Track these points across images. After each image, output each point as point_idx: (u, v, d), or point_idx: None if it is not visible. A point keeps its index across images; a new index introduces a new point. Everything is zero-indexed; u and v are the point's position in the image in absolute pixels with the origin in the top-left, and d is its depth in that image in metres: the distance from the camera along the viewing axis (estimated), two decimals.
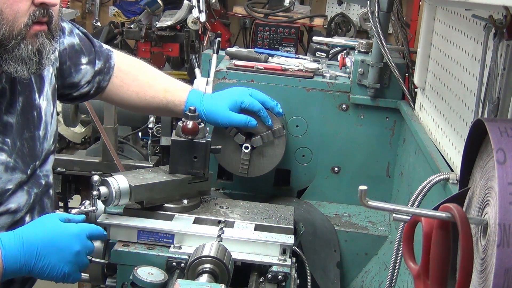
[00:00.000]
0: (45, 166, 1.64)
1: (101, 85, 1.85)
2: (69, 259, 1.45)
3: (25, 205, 1.55)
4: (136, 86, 1.90)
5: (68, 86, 1.78)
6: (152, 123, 3.37)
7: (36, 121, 1.58)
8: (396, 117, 2.22)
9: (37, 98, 1.58)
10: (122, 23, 5.03)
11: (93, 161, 3.12)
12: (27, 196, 1.55)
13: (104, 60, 1.84)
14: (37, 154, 1.59)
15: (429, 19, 2.06)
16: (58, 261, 1.43)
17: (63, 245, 1.45)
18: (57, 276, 1.44)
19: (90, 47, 1.81)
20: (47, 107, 1.62)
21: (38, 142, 1.59)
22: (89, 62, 1.80)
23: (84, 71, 1.78)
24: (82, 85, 1.80)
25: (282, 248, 1.62)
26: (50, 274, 1.43)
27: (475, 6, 1.40)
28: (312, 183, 2.30)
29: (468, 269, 0.97)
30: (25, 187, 1.55)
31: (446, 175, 1.58)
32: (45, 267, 1.42)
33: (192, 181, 1.77)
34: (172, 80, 1.97)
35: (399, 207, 1.08)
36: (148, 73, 1.96)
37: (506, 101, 1.30)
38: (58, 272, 1.44)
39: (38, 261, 1.41)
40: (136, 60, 1.99)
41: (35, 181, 1.59)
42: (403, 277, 1.85)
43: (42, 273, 1.43)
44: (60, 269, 1.44)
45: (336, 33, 5.05)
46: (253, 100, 1.93)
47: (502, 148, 0.96)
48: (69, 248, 1.45)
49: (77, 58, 1.77)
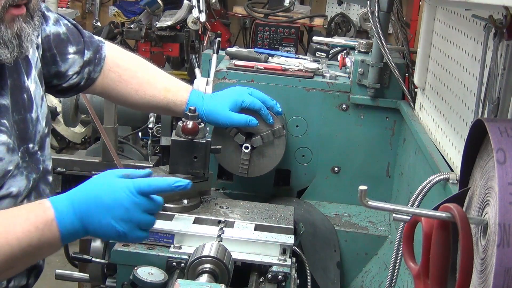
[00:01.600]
0: (44, 151, 1.62)
1: (92, 76, 1.82)
2: (120, 216, 1.35)
3: (25, 189, 1.54)
4: (136, 83, 1.89)
5: (54, 75, 1.75)
6: (152, 123, 3.38)
7: (27, 103, 1.56)
8: (396, 117, 2.22)
9: (26, 81, 1.57)
10: (122, 23, 5.04)
11: (93, 161, 3.12)
12: (26, 181, 1.54)
13: (94, 51, 1.82)
14: (30, 136, 1.56)
15: (429, 19, 2.06)
16: (109, 219, 1.34)
17: (110, 201, 1.35)
18: (113, 235, 1.36)
19: (79, 37, 1.79)
20: (36, 89, 1.60)
21: (30, 125, 1.56)
22: (77, 52, 1.77)
23: (71, 60, 1.76)
24: (70, 75, 1.78)
25: (282, 248, 1.62)
26: (106, 234, 1.36)
27: (475, 6, 1.40)
28: (312, 183, 2.30)
29: (468, 269, 0.97)
30: (24, 171, 1.54)
31: (446, 175, 1.58)
32: (98, 227, 1.35)
33: (192, 181, 1.77)
34: (173, 79, 1.97)
35: (399, 207, 1.08)
36: (148, 71, 1.95)
37: (506, 101, 1.30)
38: (112, 231, 1.35)
39: (90, 221, 1.34)
40: (136, 57, 1.98)
41: (34, 166, 1.58)
42: (403, 277, 1.85)
43: (97, 234, 1.37)
44: (113, 227, 1.35)
45: (336, 33, 5.06)
46: (253, 99, 1.93)
47: (502, 148, 0.96)
48: (117, 205, 1.35)
49: (63, 47, 1.74)
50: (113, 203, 1.35)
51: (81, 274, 1.81)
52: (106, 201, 1.35)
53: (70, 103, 3.46)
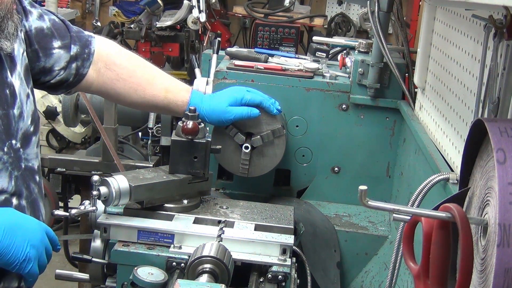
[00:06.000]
0: (26, 149, 1.61)
1: (80, 72, 1.80)
2: (33, 242, 1.44)
3: (8, 186, 1.54)
4: (135, 82, 1.88)
5: (40, 71, 1.74)
6: (152, 123, 3.37)
7: (10, 99, 1.55)
8: (396, 117, 2.22)
9: (9, 76, 1.56)
10: (122, 23, 5.04)
11: (93, 161, 3.12)
12: (8, 178, 1.54)
13: (82, 45, 1.80)
14: (12, 132, 1.56)
15: (429, 19, 2.06)
16: (23, 241, 1.42)
17: (29, 226, 1.45)
18: (20, 257, 1.42)
19: (65, 32, 1.77)
20: (21, 86, 1.59)
21: (13, 121, 1.56)
22: (63, 47, 1.75)
23: (56, 55, 1.74)
24: (57, 71, 1.76)
25: (282, 248, 1.62)
26: (14, 255, 1.41)
27: (475, 6, 1.40)
28: (312, 183, 2.30)
29: (468, 269, 0.97)
30: (9, 167, 1.54)
31: (446, 175, 1.58)
32: (11, 245, 1.40)
33: (192, 181, 1.77)
34: (172, 79, 1.96)
35: (399, 207, 1.08)
36: (148, 69, 1.94)
37: (506, 101, 1.30)
38: (22, 253, 1.42)
39: (3, 238, 1.39)
40: (135, 56, 1.96)
41: (16, 163, 1.57)
42: (403, 277, 1.85)
43: (6, 253, 1.40)
44: (24, 250, 1.42)
45: (336, 33, 5.06)
46: (252, 94, 1.94)
47: (502, 148, 0.96)
48: (34, 231, 1.46)
49: (47, 42, 1.72)
50: (30, 228, 1.47)
51: (81, 274, 1.81)
52: (23, 226, 1.46)
53: (70, 103, 3.46)
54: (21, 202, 1.58)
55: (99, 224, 1.65)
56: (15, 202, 1.56)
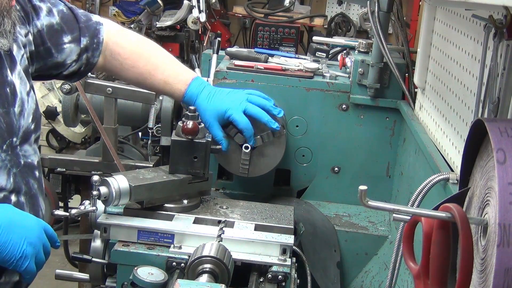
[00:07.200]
0: (24, 146, 1.61)
1: (91, 61, 1.83)
2: (30, 240, 1.44)
3: (6, 184, 1.54)
4: (137, 73, 1.91)
5: (53, 66, 1.76)
6: (152, 123, 3.36)
7: (10, 97, 1.56)
8: (396, 117, 2.22)
9: (9, 75, 1.56)
10: (122, 23, 5.03)
11: (93, 161, 3.12)
12: (6, 176, 1.54)
13: (91, 36, 1.81)
14: (14, 130, 1.57)
15: (429, 19, 2.06)
16: (20, 238, 1.42)
17: (26, 223, 1.45)
18: (16, 255, 1.42)
19: (74, 23, 1.78)
20: (21, 85, 1.60)
21: (14, 119, 1.56)
22: (73, 40, 1.77)
23: (68, 50, 1.76)
24: (69, 64, 1.78)
25: (282, 248, 1.62)
26: (10, 252, 1.41)
27: (475, 6, 1.40)
28: (312, 183, 2.30)
29: (468, 269, 0.97)
30: (8, 165, 1.54)
31: (446, 175, 1.58)
32: (7, 242, 1.40)
33: (192, 181, 1.77)
34: (174, 70, 1.95)
35: (399, 207, 1.08)
36: (152, 59, 1.93)
37: (506, 101, 1.30)
38: (18, 251, 1.41)
39: (0, 235, 1.40)
40: (139, 43, 1.96)
41: (15, 160, 1.57)
42: (403, 277, 1.85)
43: (3, 250, 1.40)
44: (21, 247, 1.42)
45: (336, 33, 5.05)
46: (240, 117, 1.87)
47: (502, 148, 0.96)
48: (32, 228, 1.45)
49: (58, 37, 1.74)
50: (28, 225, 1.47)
51: (81, 274, 1.81)
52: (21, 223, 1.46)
53: (70, 103, 3.45)
54: (20, 198, 1.58)
55: (99, 224, 1.65)
56: (13, 199, 1.56)
